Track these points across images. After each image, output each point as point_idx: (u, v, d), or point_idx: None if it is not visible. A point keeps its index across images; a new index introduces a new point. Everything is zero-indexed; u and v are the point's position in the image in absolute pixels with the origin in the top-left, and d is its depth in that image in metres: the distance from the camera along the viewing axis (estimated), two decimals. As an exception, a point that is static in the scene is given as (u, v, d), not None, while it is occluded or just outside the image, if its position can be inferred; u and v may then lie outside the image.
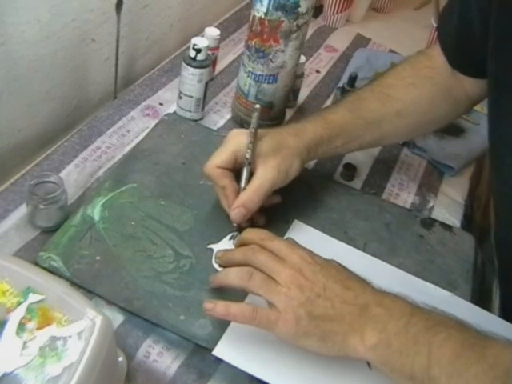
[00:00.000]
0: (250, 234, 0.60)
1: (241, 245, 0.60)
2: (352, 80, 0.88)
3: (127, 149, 0.80)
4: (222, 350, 0.56)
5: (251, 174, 0.66)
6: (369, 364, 0.54)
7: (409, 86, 0.75)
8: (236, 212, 0.65)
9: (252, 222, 0.69)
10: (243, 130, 0.68)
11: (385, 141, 0.81)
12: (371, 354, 0.51)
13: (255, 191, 0.65)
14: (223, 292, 0.62)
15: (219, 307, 0.54)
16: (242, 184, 0.66)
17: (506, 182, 0.67)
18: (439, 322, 0.51)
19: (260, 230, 0.60)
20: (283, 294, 0.52)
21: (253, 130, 0.66)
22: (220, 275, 0.59)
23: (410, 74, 0.76)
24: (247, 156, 0.65)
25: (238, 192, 0.66)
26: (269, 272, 0.54)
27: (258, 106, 0.68)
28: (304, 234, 0.70)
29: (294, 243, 0.58)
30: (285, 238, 0.69)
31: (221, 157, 0.66)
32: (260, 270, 0.55)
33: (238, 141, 0.67)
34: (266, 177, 0.65)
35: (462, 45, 0.72)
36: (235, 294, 0.57)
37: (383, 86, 0.75)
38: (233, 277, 0.56)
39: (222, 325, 0.58)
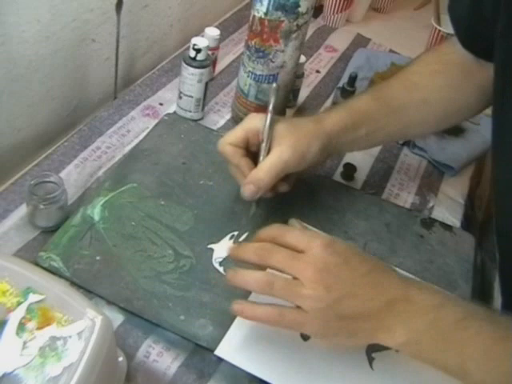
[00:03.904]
0: (263, 233, 0.56)
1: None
2: (352, 80, 0.88)
3: (127, 149, 0.80)
4: (223, 350, 0.56)
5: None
6: (371, 364, 0.54)
7: (434, 73, 0.73)
8: (246, 189, 0.63)
9: (274, 191, 0.67)
10: (259, 114, 0.67)
11: (411, 130, 0.77)
12: (401, 349, 0.51)
13: (267, 170, 0.62)
14: (224, 291, 0.62)
15: (246, 309, 0.53)
16: (260, 160, 0.64)
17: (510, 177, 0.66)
18: (468, 314, 0.50)
19: (273, 227, 0.56)
20: (309, 296, 0.50)
21: (270, 107, 0.64)
22: (238, 279, 0.54)
23: (435, 60, 0.74)
24: (264, 133, 0.64)
25: (252, 168, 0.64)
26: (290, 271, 0.52)
27: (274, 85, 0.66)
28: None
29: (310, 231, 0.56)
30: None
31: (233, 134, 0.65)
32: (279, 270, 0.52)
33: (251, 121, 0.66)
34: (279, 156, 0.63)
35: (474, 26, 0.69)
36: (238, 293, 0.57)
37: (408, 74, 0.73)
38: (252, 285, 0.53)
39: (222, 325, 0.58)
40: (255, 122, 0.65)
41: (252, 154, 0.66)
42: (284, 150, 0.63)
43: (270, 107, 0.65)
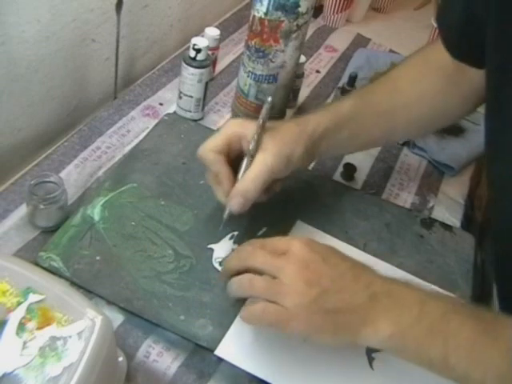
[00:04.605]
0: (243, 245, 0.58)
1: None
2: (352, 80, 0.88)
3: (127, 149, 0.80)
4: (224, 350, 0.56)
5: None
6: (371, 364, 0.54)
7: (418, 79, 0.73)
8: (234, 202, 0.61)
9: (266, 195, 0.66)
10: (240, 119, 0.66)
11: (395, 135, 0.77)
12: (385, 345, 0.51)
13: (254, 179, 0.61)
14: (224, 291, 0.62)
15: (241, 312, 0.54)
16: (241, 174, 0.62)
17: (507, 177, 0.66)
18: (450, 308, 0.51)
19: (252, 240, 0.58)
20: (290, 293, 0.51)
21: (261, 122, 0.62)
22: (227, 290, 0.56)
23: (420, 65, 0.74)
24: (251, 147, 0.62)
25: (232, 179, 0.63)
26: (270, 271, 0.52)
27: (269, 98, 0.64)
28: (308, 234, 0.70)
29: (288, 237, 0.57)
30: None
31: (214, 141, 0.63)
32: (261, 271, 0.53)
33: (232, 126, 0.64)
34: (264, 163, 0.61)
35: (465, 33, 0.69)
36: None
37: (392, 79, 0.74)
38: (235, 289, 0.55)
39: (222, 325, 0.58)
40: (237, 128, 0.64)
41: (231, 160, 0.64)
42: (268, 157, 0.61)
43: (261, 121, 0.63)
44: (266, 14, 0.76)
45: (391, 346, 0.51)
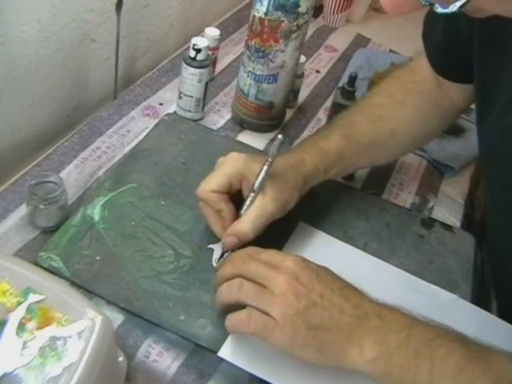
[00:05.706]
0: (238, 253, 0.59)
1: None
2: (352, 80, 0.88)
3: (127, 149, 0.80)
4: (227, 352, 0.56)
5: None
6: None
7: (399, 104, 0.74)
8: (228, 240, 0.62)
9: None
10: (244, 156, 0.65)
11: (378, 162, 0.80)
12: (370, 367, 0.50)
13: (252, 222, 0.61)
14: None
15: (225, 322, 0.54)
16: (243, 211, 0.63)
17: (493, 191, 0.66)
18: (440, 334, 0.50)
19: (247, 248, 0.58)
20: (279, 302, 0.51)
21: (270, 160, 0.61)
22: (216, 296, 0.57)
23: (397, 90, 0.75)
24: (256, 185, 0.61)
25: (235, 214, 0.63)
26: (261, 280, 0.53)
27: (280, 136, 0.62)
28: (309, 235, 0.70)
29: (284, 252, 0.57)
30: (289, 239, 0.69)
31: (216, 181, 0.63)
32: (252, 279, 0.53)
33: (234, 165, 0.63)
34: (264, 208, 0.62)
35: (448, 49, 0.70)
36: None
37: (373, 107, 0.74)
38: (224, 292, 0.55)
39: (222, 325, 0.58)
40: (240, 167, 0.63)
41: (231, 195, 0.64)
42: (268, 203, 0.62)
43: (270, 159, 0.62)
44: (266, 14, 0.76)
45: (376, 369, 0.50)
